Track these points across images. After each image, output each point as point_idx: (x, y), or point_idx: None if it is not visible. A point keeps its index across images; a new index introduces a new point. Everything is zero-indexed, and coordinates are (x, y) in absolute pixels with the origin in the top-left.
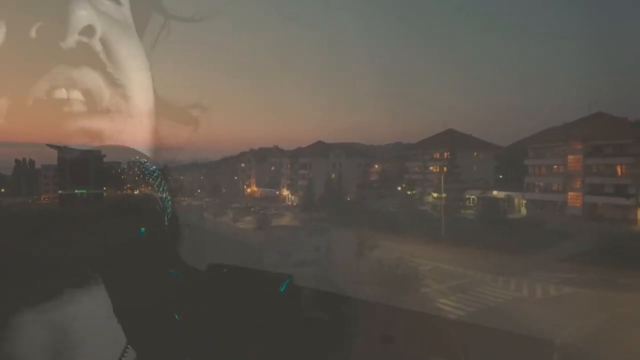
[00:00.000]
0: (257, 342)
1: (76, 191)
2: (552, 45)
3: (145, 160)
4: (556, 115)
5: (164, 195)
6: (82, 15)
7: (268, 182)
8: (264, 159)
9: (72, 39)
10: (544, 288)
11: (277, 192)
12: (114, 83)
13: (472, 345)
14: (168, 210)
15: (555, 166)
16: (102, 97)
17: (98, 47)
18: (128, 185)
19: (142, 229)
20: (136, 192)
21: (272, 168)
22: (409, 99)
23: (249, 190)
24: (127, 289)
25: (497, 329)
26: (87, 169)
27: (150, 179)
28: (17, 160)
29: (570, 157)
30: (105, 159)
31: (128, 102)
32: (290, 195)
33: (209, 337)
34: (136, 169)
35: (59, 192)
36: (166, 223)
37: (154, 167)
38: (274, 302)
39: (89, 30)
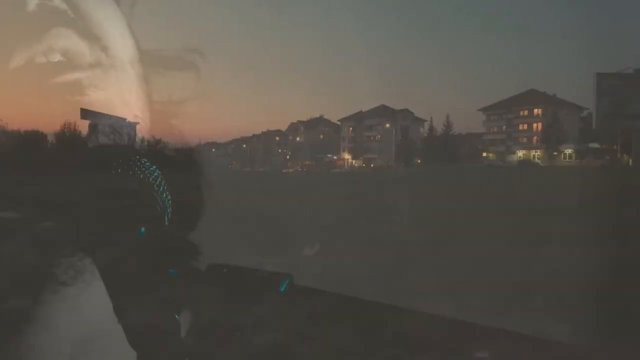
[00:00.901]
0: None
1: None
2: (552, 45)
3: (146, 160)
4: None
5: (165, 195)
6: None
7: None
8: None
9: (74, 39)
10: None
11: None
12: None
13: (470, 344)
14: (168, 210)
15: None
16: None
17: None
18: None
19: (142, 229)
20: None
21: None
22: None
23: None
24: (128, 289)
25: (495, 327)
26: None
27: (150, 178)
28: None
29: None
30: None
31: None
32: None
33: (208, 336)
34: (134, 166)
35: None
36: (166, 222)
37: (154, 167)
38: (273, 301)
39: (90, 27)
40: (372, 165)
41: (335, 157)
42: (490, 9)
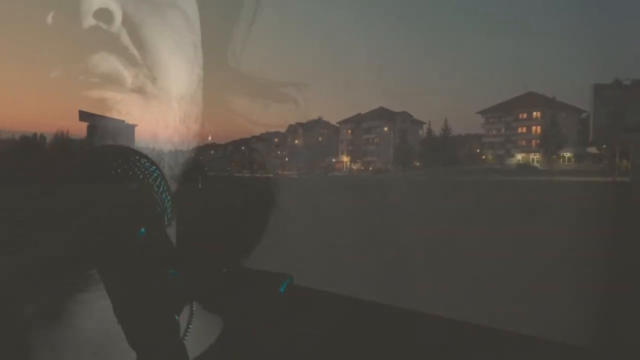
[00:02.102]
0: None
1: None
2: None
3: (146, 161)
4: None
5: (164, 195)
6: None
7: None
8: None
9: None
10: None
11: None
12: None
13: (467, 345)
14: (168, 210)
15: None
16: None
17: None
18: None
19: (142, 228)
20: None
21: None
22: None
23: None
24: (127, 289)
25: (495, 328)
26: (120, 142)
27: (149, 177)
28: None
29: None
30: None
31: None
32: None
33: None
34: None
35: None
36: (166, 222)
37: (154, 166)
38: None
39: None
40: (370, 169)
41: (334, 160)
42: (489, 10)
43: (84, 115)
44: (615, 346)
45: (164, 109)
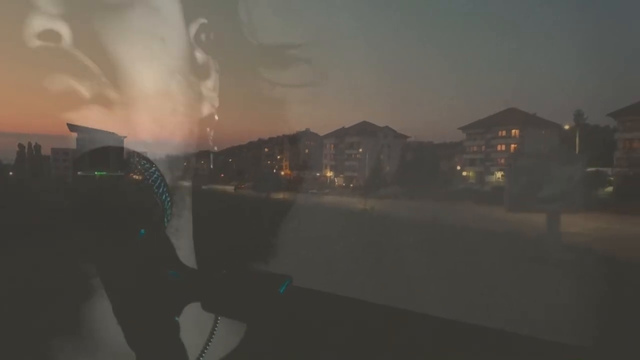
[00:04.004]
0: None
1: (96, 173)
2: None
3: (145, 162)
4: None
5: (164, 196)
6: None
7: None
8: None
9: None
10: None
11: None
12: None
13: (466, 345)
14: (168, 211)
15: None
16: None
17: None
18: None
19: (142, 230)
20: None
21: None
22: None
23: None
24: (127, 290)
25: (495, 328)
26: (108, 151)
27: (149, 179)
28: (20, 145)
29: None
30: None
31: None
32: None
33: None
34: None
35: (78, 173)
36: (166, 224)
37: (153, 168)
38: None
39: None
40: (351, 185)
41: (318, 174)
42: (483, 17)
43: (72, 127)
44: (615, 346)
45: (156, 118)
